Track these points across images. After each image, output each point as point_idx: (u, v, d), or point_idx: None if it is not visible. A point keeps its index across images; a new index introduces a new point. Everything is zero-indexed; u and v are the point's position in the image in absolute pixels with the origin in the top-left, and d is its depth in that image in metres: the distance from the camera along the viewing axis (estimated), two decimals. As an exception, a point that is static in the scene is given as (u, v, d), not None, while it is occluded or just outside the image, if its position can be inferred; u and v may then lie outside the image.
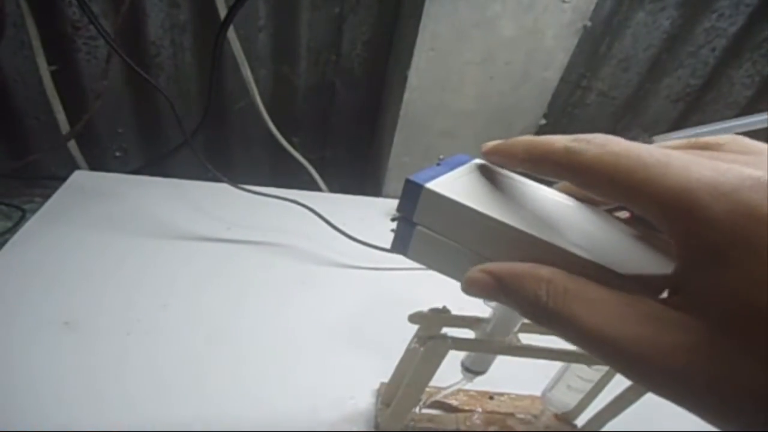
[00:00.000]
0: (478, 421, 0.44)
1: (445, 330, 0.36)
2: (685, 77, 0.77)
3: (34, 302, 0.48)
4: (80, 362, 0.43)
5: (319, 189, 0.76)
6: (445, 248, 0.28)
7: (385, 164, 0.70)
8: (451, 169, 0.30)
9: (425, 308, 0.36)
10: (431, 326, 0.36)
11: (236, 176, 0.59)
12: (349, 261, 0.59)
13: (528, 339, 0.35)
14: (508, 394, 0.46)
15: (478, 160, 0.32)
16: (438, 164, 0.30)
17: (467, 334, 0.35)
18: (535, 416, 0.44)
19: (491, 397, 0.45)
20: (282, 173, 0.78)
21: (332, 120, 0.77)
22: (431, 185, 0.27)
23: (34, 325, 0.46)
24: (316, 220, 0.60)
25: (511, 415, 0.44)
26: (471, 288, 0.23)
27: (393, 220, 0.30)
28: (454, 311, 0.36)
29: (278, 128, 0.72)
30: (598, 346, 0.17)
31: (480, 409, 0.44)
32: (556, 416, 0.45)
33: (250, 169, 0.80)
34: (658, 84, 0.77)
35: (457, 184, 0.28)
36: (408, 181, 0.28)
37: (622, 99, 0.79)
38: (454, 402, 0.44)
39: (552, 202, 0.29)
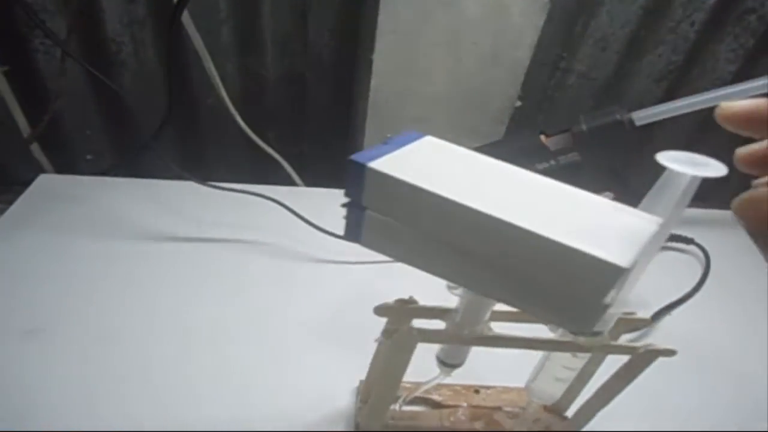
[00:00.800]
0: (462, 417, 0.42)
1: (415, 322, 0.34)
2: (667, 54, 0.75)
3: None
4: (46, 370, 0.43)
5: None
6: (398, 233, 0.27)
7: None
8: (399, 147, 0.28)
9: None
10: (400, 318, 0.34)
11: (213, 174, 0.58)
12: (325, 256, 0.58)
13: (502, 329, 0.33)
14: (494, 387, 0.45)
15: (429, 137, 0.30)
16: (385, 143, 0.29)
17: (440, 325, 0.34)
18: (523, 408, 0.43)
19: (477, 391, 0.44)
20: (260, 169, 0.77)
21: (307, 112, 0.76)
22: (375, 164, 0.26)
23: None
24: (290, 216, 0.59)
25: (498, 408, 0.43)
26: None
27: (343, 205, 0.29)
28: (429, 302, 0.34)
29: (252, 123, 0.70)
30: None
31: (465, 404, 0.43)
32: (546, 408, 0.43)
33: (226, 165, 0.78)
34: (639, 62, 0.76)
35: (404, 162, 0.27)
36: (351, 162, 0.26)
37: (603, 79, 0.77)
38: (437, 398, 0.43)
39: (510, 178, 0.28)
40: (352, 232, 0.28)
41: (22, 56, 0.62)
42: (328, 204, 0.63)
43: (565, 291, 0.23)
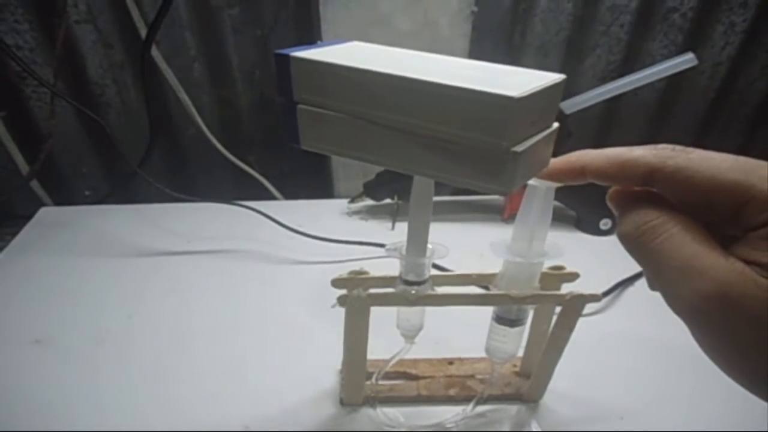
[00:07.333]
0: (438, 385, 0.45)
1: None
2: (605, 55, 0.80)
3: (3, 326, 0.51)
4: (53, 372, 0.46)
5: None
6: (330, 123, 0.27)
7: (329, 166, 0.74)
8: (326, 46, 0.30)
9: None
10: (355, 288, 0.37)
11: (201, 194, 0.63)
12: (305, 257, 0.62)
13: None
14: (467, 358, 0.47)
15: (356, 42, 0.32)
16: (313, 44, 0.30)
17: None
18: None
19: (451, 363, 0.47)
20: (244, 188, 0.81)
21: (282, 135, 0.81)
22: (298, 54, 0.27)
23: (6, 345, 0.49)
24: (273, 226, 0.63)
25: (471, 377, 0.46)
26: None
27: (278, 104, 0.30)
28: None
29: (233, 148, 0.75)
30: None
31: (440, 374, 0.46)
32: (516, 373, 0.46)
33: (214, 189, 0.83)
34: (581, 65, 0.81)
35: (326, 53, 0.28)
36: (276, 55, 0.27)
37: (551, 83, 0.83)
38: (414, 371, 0.46)
39: (425, 57, 0.29)
40: (291, 134, 0.29)
41: (17, 103, 0.68)
42: (305, 213, 0.69)
43: (476, 142, 0.24)
